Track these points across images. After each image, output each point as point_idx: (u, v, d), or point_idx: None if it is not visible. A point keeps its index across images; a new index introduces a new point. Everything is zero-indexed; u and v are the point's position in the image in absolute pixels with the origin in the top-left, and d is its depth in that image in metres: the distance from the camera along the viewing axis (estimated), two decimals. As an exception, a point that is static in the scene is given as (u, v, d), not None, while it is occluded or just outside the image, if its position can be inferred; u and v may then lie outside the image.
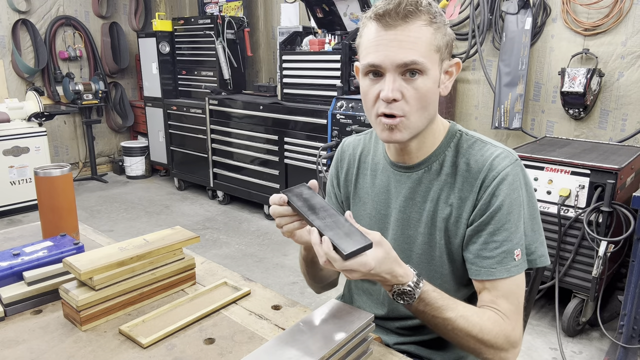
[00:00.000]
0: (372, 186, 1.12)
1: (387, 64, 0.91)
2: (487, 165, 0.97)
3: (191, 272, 1.19)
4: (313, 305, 2.74)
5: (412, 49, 0.90)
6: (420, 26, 0.90)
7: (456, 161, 1.01)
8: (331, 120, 3.44)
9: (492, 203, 0.95)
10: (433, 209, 1.02)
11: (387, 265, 0.85)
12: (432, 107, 0.97)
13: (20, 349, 0.93)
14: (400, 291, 0.88)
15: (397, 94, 0.91)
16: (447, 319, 0.91)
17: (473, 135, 1.04)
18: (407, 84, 0.92)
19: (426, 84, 0.92)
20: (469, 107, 3.64)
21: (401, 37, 0.90)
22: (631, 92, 2.91)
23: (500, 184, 0.95)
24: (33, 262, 1.14)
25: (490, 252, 0.95)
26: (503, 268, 0.95)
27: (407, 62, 0.90)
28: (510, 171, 0.96)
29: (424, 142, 1.02)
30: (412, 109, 0.93)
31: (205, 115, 4.63)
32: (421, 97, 0.93)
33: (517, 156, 0.99)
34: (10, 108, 4.36)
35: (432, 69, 0.92)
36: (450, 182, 1.01)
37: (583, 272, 2.44)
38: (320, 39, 3.79)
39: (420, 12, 0.90)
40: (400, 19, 0.89)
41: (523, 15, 3.13)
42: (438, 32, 0.93)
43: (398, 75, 0.92)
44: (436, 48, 0.92)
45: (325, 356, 0.79)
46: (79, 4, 5.60)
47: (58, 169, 1.37)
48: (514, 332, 0.94)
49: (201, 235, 3.87)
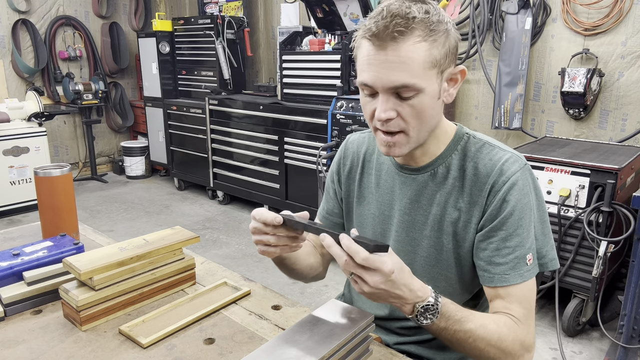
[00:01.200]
0: (377, 186, 1.12)
1: (378, 85, 0.89)
2: (497, 170, 0.96)
3: (191, 272, 1.19)
4: (313, 305, 2.74)
5: (403, 70, 0.86)
6: (412, 44, 0.86)
7: (464, 165, 1.00)
8: (331, 120, 3.44)
9: (503, 209, 0.94)
10: (440, 213, 1.02)
11: (405, 276, 0.82)
12: (433, 119, 0.95)
13: (20, 349, 0.93)
14: (423, 308, 0.84)
15: (390, 114, 0.90)
16: (468, 331, 0.88)
17: (481, 138, 1.02)
18: (401, 102, 0.90)
19: (422, 101, 0.89)
20: (469, 107, 3.64)
21: (392, 57, 0.86)
22: (631, 92, 2.90)
23: (510, 189, 0.94)
24: (33, 262, 1.14)
25: (503, 258, 0.94)
26: (516, 273, 0.93)
27: (397, 85, 0.87)
28: (520, 176, 0.95)
29: (427, 147, 1.02)
30: (409, 125, 0.92)
31: (205, 115, 4.62)
32: (417, 113, 0.91)
33: (525, 160, 0.98)
34: (10, 108, 4.36)
35: (428, 85, 0.89)
36: (458, 186, 1.00)
37: (583, 272, 2.44)
38: (320, 39, 3.79)
39: (412, 29, 0.85)
40: (390, 40, 0.85)
41: (523, 15, 3.13)
42: (434, 45, 0.88)
43: (391, 95, 0.90)
44: (432, 64, 0.88)
45: (325, 356, 0.79)
46: (79, 4, 5.60)
47: (58, 169, 1.37)
48: (528, 336, 0.93)
49: (201, 235, 3.87)
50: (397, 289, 0.80)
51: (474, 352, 0.91)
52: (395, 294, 0.81)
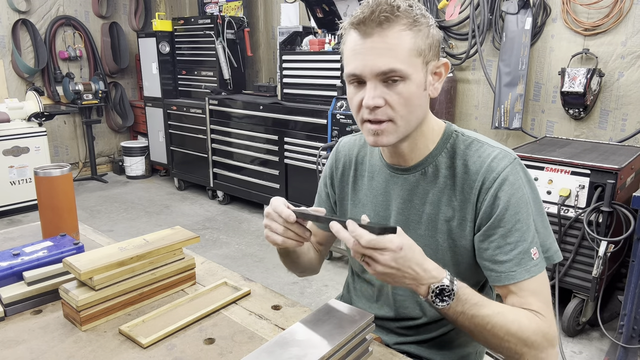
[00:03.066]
0: (370, 188, 1.12)
1: (366, 73, 0.91)
2: (486, 167, 0.96)
3: (191, 272, 1.19)
4: (313, 305, 2.74)
5: (390, 56, 0.89)
6: (398, 31, 0.89)
7: (454, 163, 1.00)
8: (331, 120, 3.44)
9: (497, 205, 0.94)
10: (434, 212, 1.02)
11: (417, 256, 0.83)
12: (420, 110, 0.96)
13: (20, 349, 0.93)
14: (439, 289, 0.84)
15: (378, 101, 0.91)
16: (485, 317, 0.87)
17: (470, 135, 1.03)
18: (389, 90, 0.91)
19: (409, 88, 0.91)
20: (469, 107, 3.64)
21: (378, 44, 0.89)
22: (631, 92, 2.90)
23: (501, 186, 0.94)
24: (33, 262, 1.14)
25: (506, 255, 0.93)
26: (523, 269, 0.92)
27: (385, 70, 0.89)
28: (510, 171, 0.95)
29: (415, 144, 1.02)
30: (397, 114, 0.93)
31: (205, 115, 4.63)
32: (404, 101, 0.92)
33: (515, 155, 0.98)
34: (10, 108, 4.36)
35: (415, 73, 0.91)
36: (449, 184, 1.00)
37: (583, 272, 2.44)
38: (320, 39, 3.79)
39: (397, 17, 0.89)
40: (376, 26, 0.88)
41: (523, 15, 3.13)
42: (419, 35, 0.91)
43: (379, 83, 0.91)
44: (417, 52, 0.91)
45: (325, 356, 0.79)
46: (79, 4, 5.60)
47: (58, 169, 1.37)
48: (551, 329, 0.91)
49: (201, 235, 3.87)
50: (409, 268, 0.83)
51: (493, 340, 0.89)
52: (408, 273, 0.83)
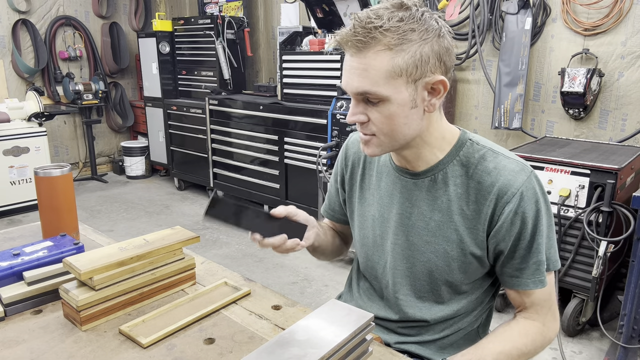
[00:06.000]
0: (378, 188, 1.11)
1: (348, 90, 0.93)
2: (503, 180, 0.95)
3: (191, 272, 1.19)
4: (313, 305, 2.74)
5: (364, 78, 0.89)
6: (375, 53, 0.87)
7: (467, 172, 0.99)
8: (331, 120, 3.44)
9: (517, 220, 0.95)
10: (443, 220, 1.01)
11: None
12: (406, 127, 0.93)
13: (20, 349, 0.93)
14: None
15: (357, 117, 0.94)
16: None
17: (484, 144, 1.00)
18: (371, 107, 0.92)
19: (389, 108, 0.91)
20: (469, 107, 3.64)
21: (356, 64, 0.90)
22: (631, 92, 2.90)
23: (521, 201, 0.94)
24: (33, 262, 1.14)
25: (525, 265, 0.99)
26: (537, 279, 0.99)
27: (360, 92, 0.91)
28: (528, 185, 0.95)
29: (419, 153, 1.00)
30: (379, 131, 0.94)
31: (205, 115, 4.62)
32: (385, 120, 0.92)
33: (530, 167, 0.98)
34: (10, 108, 4.36)
35: (395, 94, 0.89)
36: (461, 193, 0.99)
37: (583, 272, 2.44)
38: (320, 39, 3.79)
39: (374, 39, 0.86)
40: (354, 48, 0.89)
41: (523, 15, 3.13)
42: (400, 55, 0.86)
43: (361, 100, 0.93)
44: (397, 73, 0.87)
45: (325, 356, 0.79)
46: (79, 4, 5.60)
47: (58, 169, 1.37)
48: (545, 325, 1.03)
49: (201, 235, 3.86)
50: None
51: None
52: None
